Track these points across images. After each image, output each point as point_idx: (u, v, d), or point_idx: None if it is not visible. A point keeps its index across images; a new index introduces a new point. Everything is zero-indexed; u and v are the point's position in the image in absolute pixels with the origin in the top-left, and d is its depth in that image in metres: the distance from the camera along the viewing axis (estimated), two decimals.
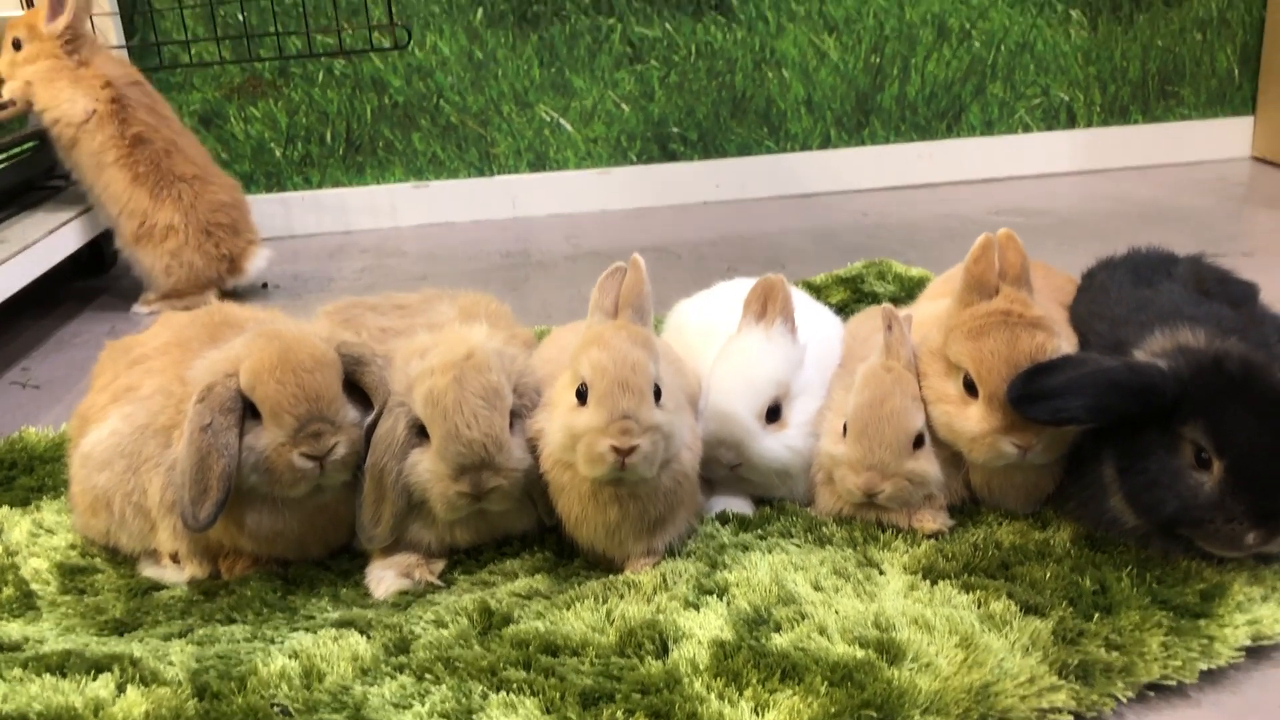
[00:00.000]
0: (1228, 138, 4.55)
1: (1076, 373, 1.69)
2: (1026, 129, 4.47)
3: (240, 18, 4.03)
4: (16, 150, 3.41)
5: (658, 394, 1.66)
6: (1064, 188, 4.33)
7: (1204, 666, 1.52)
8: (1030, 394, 1.70)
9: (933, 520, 1.83)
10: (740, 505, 1.95)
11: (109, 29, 3.87)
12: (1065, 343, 1.84)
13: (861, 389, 1.82)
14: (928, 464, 1.82)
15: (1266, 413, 1.62)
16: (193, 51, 4.04)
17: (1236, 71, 4.49)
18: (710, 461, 1.87)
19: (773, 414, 1.88)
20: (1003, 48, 4.36)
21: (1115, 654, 1.51)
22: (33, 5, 3.57)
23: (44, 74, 3.24)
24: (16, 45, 3.28)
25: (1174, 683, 1.50)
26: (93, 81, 3.24)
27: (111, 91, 3.24)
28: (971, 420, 1.78)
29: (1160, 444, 1.66)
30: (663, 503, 1.73)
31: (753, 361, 1.89)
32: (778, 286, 1.94)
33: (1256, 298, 2.09)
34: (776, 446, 1.88)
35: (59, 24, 3.22)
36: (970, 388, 1.79)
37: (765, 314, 1.93)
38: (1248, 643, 1.56)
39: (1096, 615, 1.58)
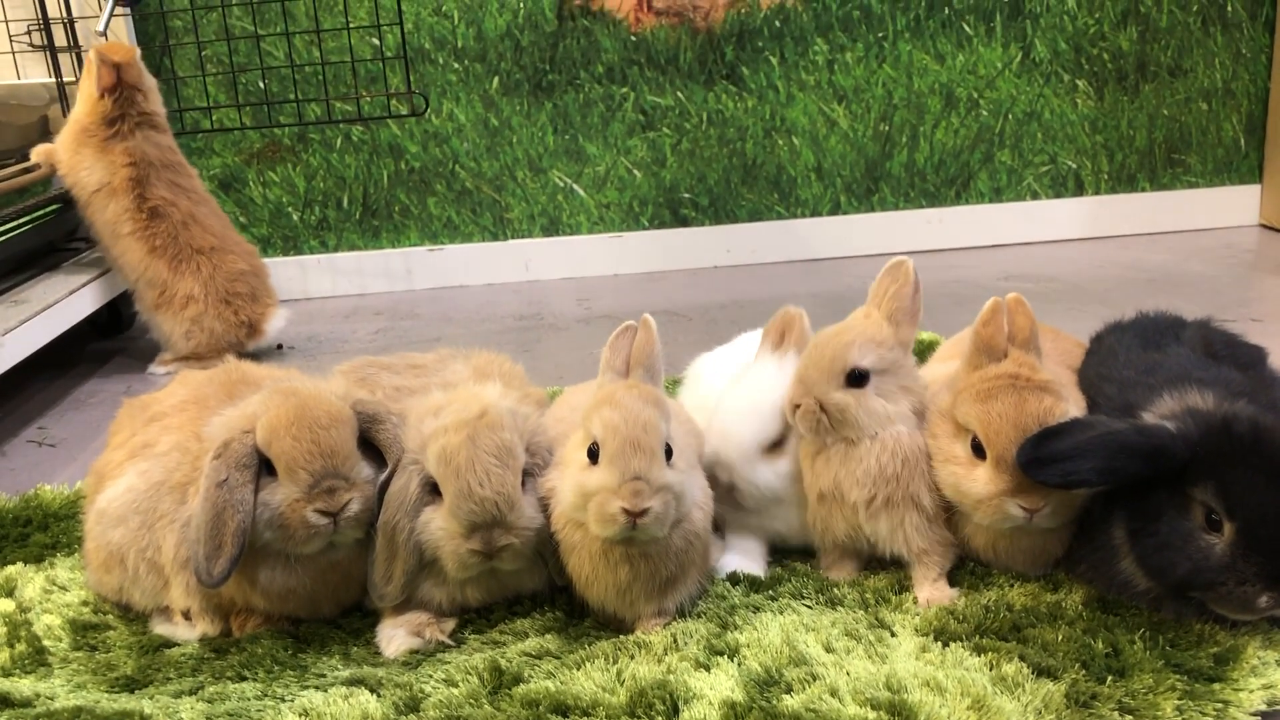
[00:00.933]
0: (1235, 205, 4.58)
1: (1085, 436, 1.70)
2: (1035, 196, 4.51)
3: (261, 85, 4.12)
4: (41, 213, 3.47)
5: (669, 453, 1.67)
6: (1072, 254, 4.36)
7: None
8: (1040, 458, 1.70)
9: (939, 594, 1.83)
10: (751, 565, 1.95)
11: None
12: (1073, 406, 1.85)
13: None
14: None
15: (1276, 474, 1.62)
16: (214, 117, 4.12)
17: (1242, 140, 4.54)
18: (710, 479, 1.88)
19: (777, 443, 1.90)
20: (1010, 116, 4.42)
21: (1129, 717, 1.50)
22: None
23: (71, 140, 3.31)
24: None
25: None
26: (118, 156, 3.29)
27: (132, 170, 3.29)
28: (979, 482, 1.78)
29: (1170, 506, 1.66)
30: (674, 562, 1.73)
31: (765, 389, 1.92)
32: (796, 319, 1.97)
33: (1265, 361, 2.10)
34: (768, 474, 1.90)
35: (105, 100, 3.28)
36: (978, 450, 1.79)
37: (781, 344, 1.95)
38: (1263, 707, 1.55)
39: (1110, 678, 1.57)
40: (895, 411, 1.85)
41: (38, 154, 3.37)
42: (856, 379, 1.83)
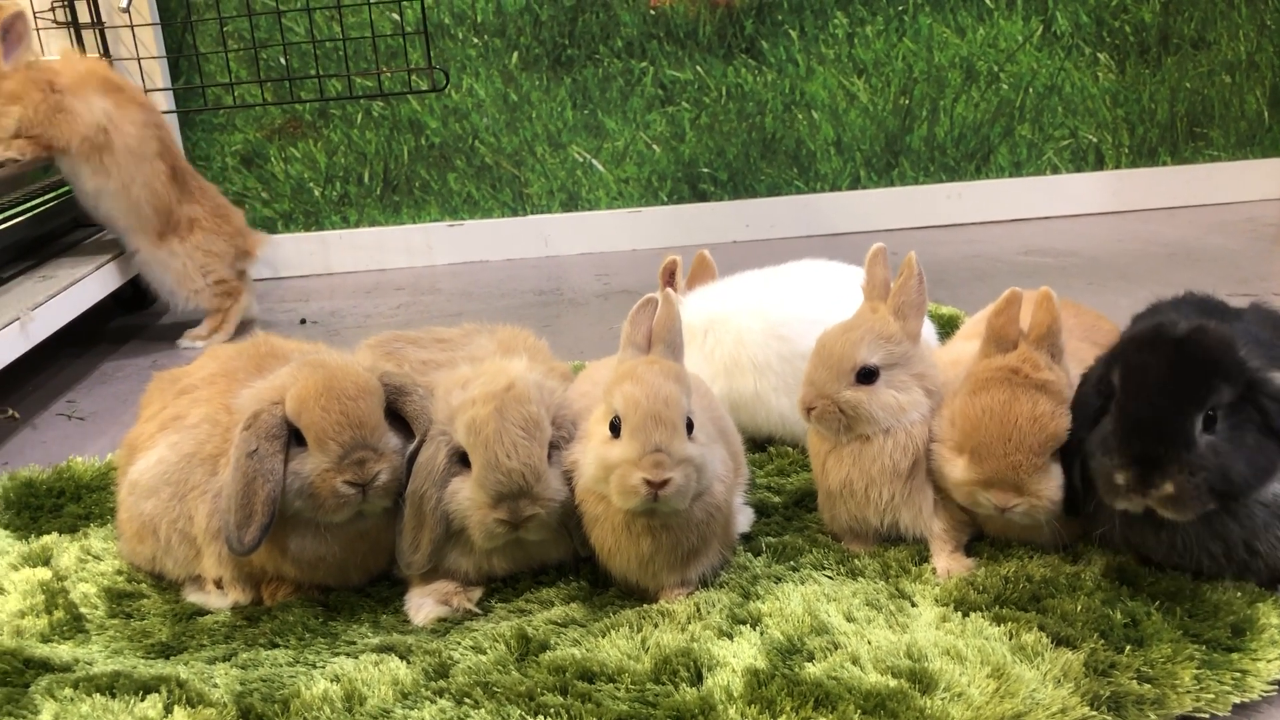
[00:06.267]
0: (1257, 179, 4.56)
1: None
2: (1055, 170, 4.50)
3: (282, 61, 4.14)
4: (66, 188, 3.50)
5: (690, 427, 1.69)
6: (1092, 228, 4.35)
7: (1237, 700, 1.53)
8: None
9: (957, 565, 1.85)
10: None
11: (155, 72, 3.99)
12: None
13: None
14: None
15: (1159, 357, 1.63)
16: (236, 94, 4.14)
17: (1266, 113, 4.51)
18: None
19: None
20: (1031, 90, 4.40)
21: (1147, 686, 1.52)
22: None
23: (41, 111, 3.12)
24: None
25: (1206, 715, 1.51)
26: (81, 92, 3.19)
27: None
28: (957, 468, 1.81)
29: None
30: (695, 534, 1.75)
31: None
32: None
33: None
34: None
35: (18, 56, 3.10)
36: None
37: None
38: None
39: (1128, 648, 1.59)
40: (908, 400, 1.87)
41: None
42: (866, 376, 1.85)
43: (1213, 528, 1.66)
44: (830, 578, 1.84)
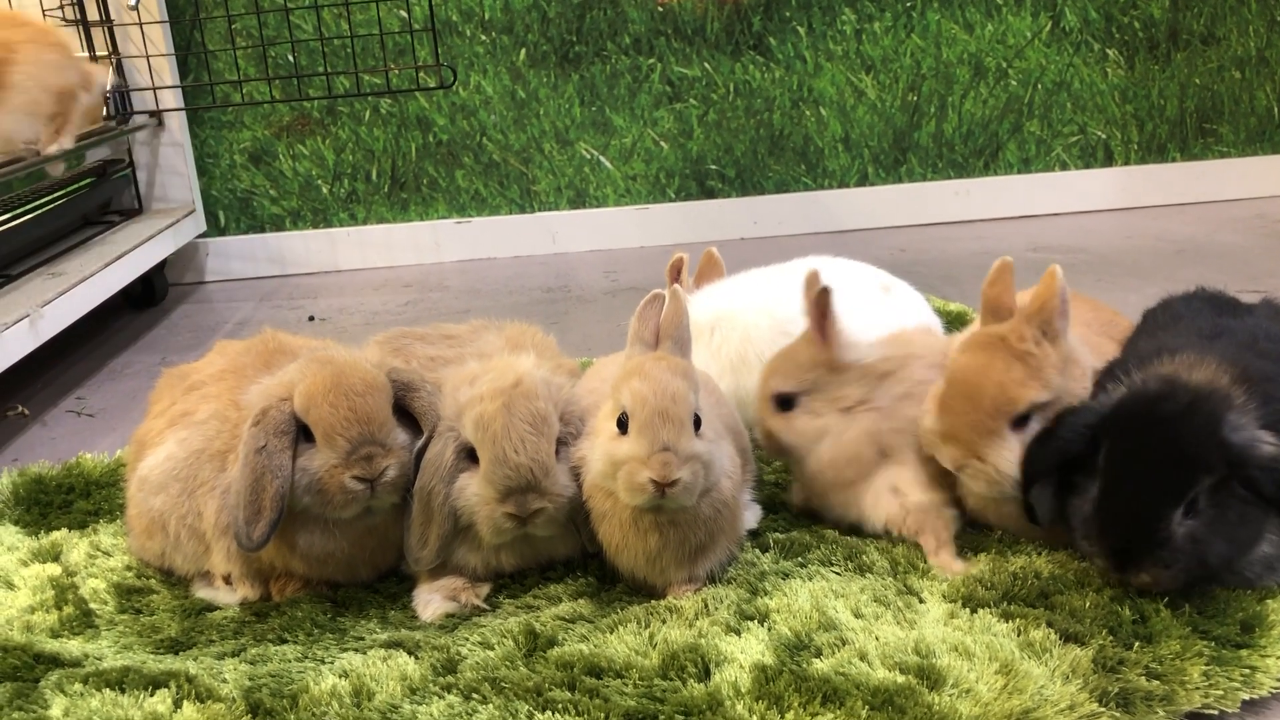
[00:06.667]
0: (1267, 175, 4.54)
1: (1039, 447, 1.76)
2: (1064, 167, 4.49)
3: (290, 58, 4.15)
4: (74, 186, 3.52)
5: (698, 424, 1.69)
6: (1101, 225, 4.33)
7: (1246, 696, 1.53)
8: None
9: (953, 562, 1.86)
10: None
11: (164, 70, 3.99)
12: (1046, 391, 1.81)
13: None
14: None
15: (1138, 450, 1.64)
16: (244, 91, 4.15)
17: (1276, 109, 4.49)
18: None
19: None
20: (1039, 86, 4.39)
21: (1156, 683, 1.51)
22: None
23: None
24: None
25: (1215, 712, 1.51)
26: None
27: None
28: (928, 417, 1.85)
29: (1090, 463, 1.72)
30: (703, 530, 1.75)
31: None
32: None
33: None
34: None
35: None
36: None
37: None
38: None
39: (1137, 644, 1.58)
40: (823, 425, 1.93)
41: None
42: (783, 404, 1.95)
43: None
44: (838, 574, 1.83)
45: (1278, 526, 1.65)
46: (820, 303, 1.91)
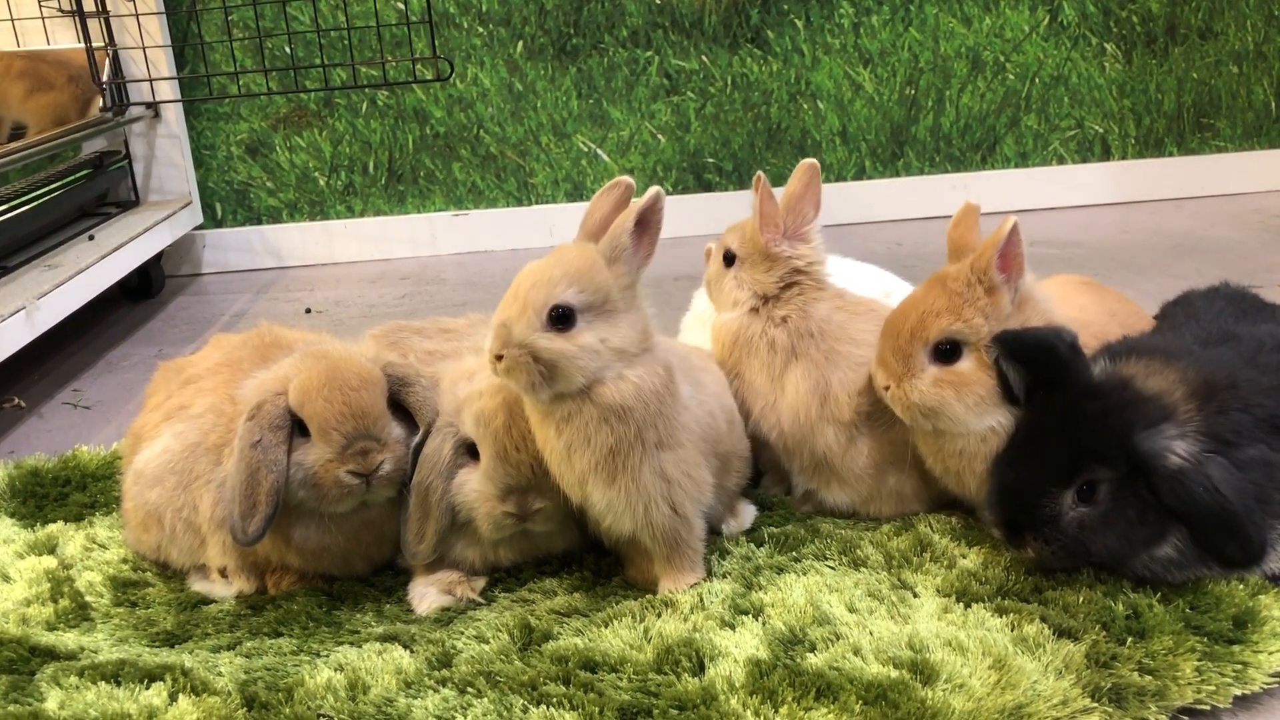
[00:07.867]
0: (1264, 170, 4.54)
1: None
2: (1061, 161, 4.49)
3: (287, 50, 4.14)
4: (71, 178, 3.51)
5: (563, 319, 1.61)
6: (1098, 219, 4.33)
7: (1238, 692, 1.53)
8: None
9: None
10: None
11: (160, 61, 3.98)
12: (971, 322, 1.82)
13: None
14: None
15: (1040, 424, 1.72)
16: (241, 83, 4.14)
17: (1273, 104, 4.49)
18: None
19: None
20: (1037, 80, 4.38)
21: (1148, 678, 1.52)
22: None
23: None
24: None
25: (1207, 707, 1.52)
26: None
27: None
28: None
29: None
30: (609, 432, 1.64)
31: None
32: None
33: None
34: None
35: None
36: None
37: None
38: None
39: (1130, 640, 1.59)
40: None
41: None
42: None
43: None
44: (832, 568, 1.84)
45: (1183, 534, 1.66)
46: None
